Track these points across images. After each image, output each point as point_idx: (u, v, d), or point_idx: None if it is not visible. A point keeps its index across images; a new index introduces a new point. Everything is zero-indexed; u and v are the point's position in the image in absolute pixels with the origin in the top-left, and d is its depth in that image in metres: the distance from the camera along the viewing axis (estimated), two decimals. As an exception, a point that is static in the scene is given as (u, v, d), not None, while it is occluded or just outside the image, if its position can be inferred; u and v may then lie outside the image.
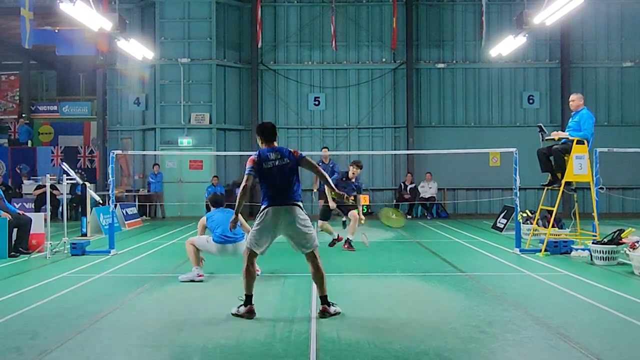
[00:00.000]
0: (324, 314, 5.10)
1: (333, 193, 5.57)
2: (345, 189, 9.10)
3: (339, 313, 5.16)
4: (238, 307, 5.19)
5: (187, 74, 17.83)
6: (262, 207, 5.24)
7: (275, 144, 5.42)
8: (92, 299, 5.93)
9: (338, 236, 9.85)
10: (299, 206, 5.23)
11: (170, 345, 4.33)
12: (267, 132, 5.43)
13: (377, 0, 18.64)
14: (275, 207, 5.15)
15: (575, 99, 9.00)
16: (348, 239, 9.68)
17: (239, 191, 5.26)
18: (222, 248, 7.05)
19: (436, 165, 17.71)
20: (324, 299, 5.18)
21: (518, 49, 15.01)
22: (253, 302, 5.17)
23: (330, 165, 12.70)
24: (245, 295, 5.19)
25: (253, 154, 5.37)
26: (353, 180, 9.86)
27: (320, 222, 9.86)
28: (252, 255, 5.22)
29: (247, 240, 5.31)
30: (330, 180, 5.62)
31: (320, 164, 12.09)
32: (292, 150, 5.38)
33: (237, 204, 5.32)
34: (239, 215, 5.49)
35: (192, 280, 6.78)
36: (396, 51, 18.47)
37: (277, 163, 5.24)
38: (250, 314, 5.11)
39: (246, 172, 5.27)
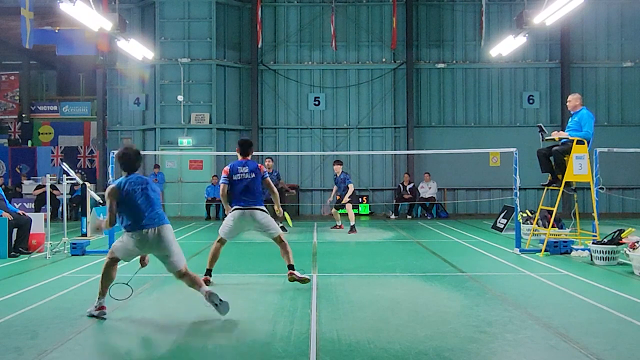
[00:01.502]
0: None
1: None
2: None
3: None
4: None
5: (187, 74, 17.84)
6: None
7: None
8: (92, 299, 5.90)
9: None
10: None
11: (170, 345, 4.32)
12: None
13: (377, 0, 18.65)
14: None
15: (572, 100, 9.00)
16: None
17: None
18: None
19: (436, 165, 17.72)
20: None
21: (518, 49, 15.01)
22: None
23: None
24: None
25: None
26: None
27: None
28: None
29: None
30: None
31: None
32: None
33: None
34: None
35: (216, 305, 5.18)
36: (396, 51, 18.47)
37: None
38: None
39: None
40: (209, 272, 6.59)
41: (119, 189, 5.12)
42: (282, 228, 11.24)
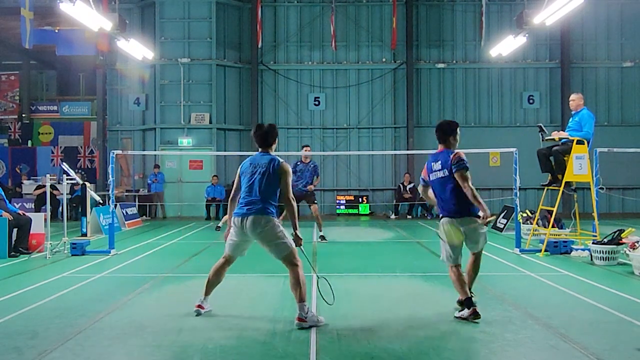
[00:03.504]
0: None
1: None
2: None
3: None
4: (461, 311, 5.02)
5: (187, 74, 17.83)
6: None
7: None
8: (92, 299, 5.93)
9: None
10: None
11: (170, 345, 4.32)
12: None
13: (377, 0, 18.64)
14: None
15: (575, 99, 8.99)
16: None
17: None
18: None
19: (436, 165, 17.68)
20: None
21: (518, 49, 15.00)
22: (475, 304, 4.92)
23: (311, 166, 11.32)
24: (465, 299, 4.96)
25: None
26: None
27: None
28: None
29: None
30: None
31: (299, 163, 11.24)
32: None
33: None
34: None
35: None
36: (396, 51, 18.47)
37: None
38: (475, 315, 4.89)
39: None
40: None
41: (241, 165, 5.14)
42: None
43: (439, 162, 5.29)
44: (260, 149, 5.15)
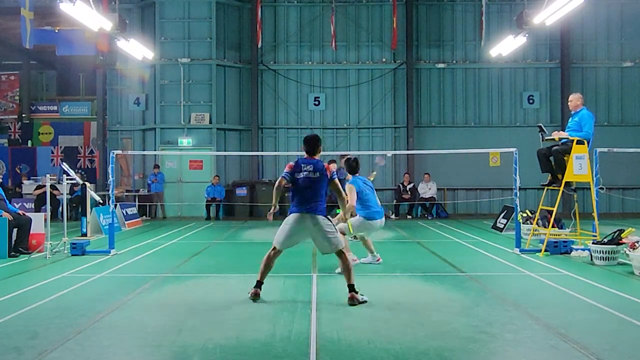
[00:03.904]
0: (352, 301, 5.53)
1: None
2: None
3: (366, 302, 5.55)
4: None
5: (187, 74, 17.83)
6: None
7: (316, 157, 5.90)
8: (92, 299, 5.92)
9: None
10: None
11: (170, 345, 4.32)
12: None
13: (377, 0, 18.65)
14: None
15: (573, 99, 9.00)
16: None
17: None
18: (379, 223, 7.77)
19: (436, 165, 17.71)
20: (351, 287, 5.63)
21: (518, 49, 15.01)
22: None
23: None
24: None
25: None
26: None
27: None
28: None
29: None
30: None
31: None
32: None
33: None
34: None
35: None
36: (396, 51, 18.47)
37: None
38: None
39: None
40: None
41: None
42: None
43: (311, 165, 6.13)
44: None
